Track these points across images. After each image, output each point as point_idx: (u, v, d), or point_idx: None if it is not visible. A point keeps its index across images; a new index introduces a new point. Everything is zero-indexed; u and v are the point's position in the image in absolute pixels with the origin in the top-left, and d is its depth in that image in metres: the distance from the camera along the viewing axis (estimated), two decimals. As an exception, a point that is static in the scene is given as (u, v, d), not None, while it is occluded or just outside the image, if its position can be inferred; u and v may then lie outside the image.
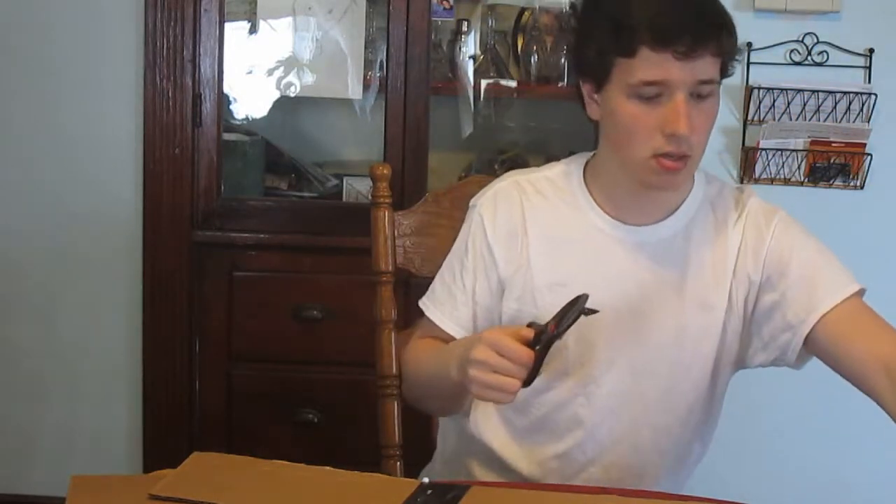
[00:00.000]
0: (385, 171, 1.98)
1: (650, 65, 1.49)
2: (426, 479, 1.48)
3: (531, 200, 1.67)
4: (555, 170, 1.71)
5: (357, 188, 2.96)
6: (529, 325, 1.46)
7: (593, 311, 1.45)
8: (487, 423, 1.73)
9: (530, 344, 1.44)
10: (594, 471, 1.68)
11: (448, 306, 1.70)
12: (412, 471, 1.86)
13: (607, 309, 1.57)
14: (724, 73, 1.58)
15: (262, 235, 2.82)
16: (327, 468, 1.48)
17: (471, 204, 1.73)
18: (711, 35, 1.51)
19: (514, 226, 1.66)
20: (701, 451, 1.75)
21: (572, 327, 1.44)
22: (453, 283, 1.70)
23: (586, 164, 1.69)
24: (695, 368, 1.65)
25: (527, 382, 1.44)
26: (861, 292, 1.62)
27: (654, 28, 1.48)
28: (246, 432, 2.84)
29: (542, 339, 1.43)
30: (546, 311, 1.55)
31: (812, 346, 1.59)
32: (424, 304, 1.74)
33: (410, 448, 1.90)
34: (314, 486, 1.43)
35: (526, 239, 1.66)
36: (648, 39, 1.48)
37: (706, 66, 1.51)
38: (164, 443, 2.86)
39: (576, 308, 1.43)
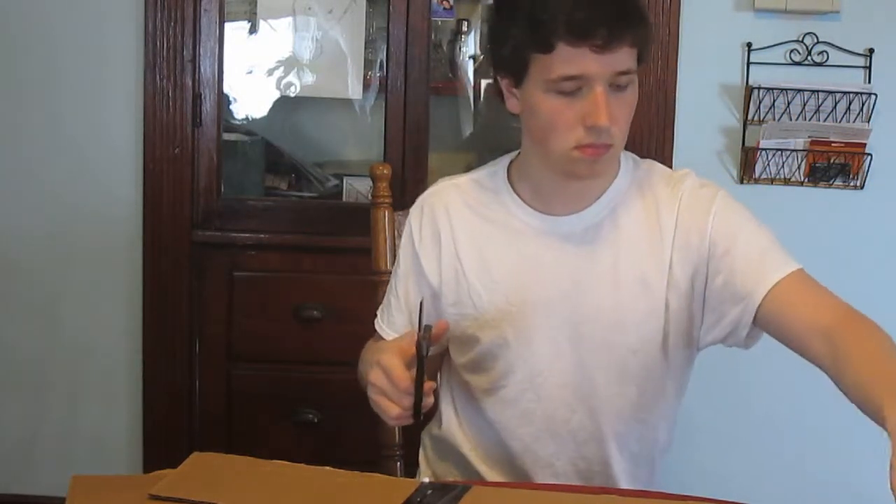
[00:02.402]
0: (385, 171, 1.98)
1: (568, 60, 1.49)
2: (426, 479, 1.48)
3: (458, 204, 1.70)
4: (482, 172, 1.73)
5: (357, 188, 2.96)
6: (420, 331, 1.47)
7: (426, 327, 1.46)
8: (452, 427, 1.75)
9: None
10: (560, 465, 1.68)
11: (386, 313, 1.76)
12: (412, 471, 1.87)
13: (543, 301, 1.62)
14: (640, 61, 1.58)
15: (262, 235, 2.82)
16: (327, 468, 1.48)
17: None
18: (627, 27, 1.51)
19: (440, 232, 1.69)
20: (667, 433, 1.74)
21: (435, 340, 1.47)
22: (391, 292, 1.75)
23: (511, 162, 1.71)
24: (642, 349, 1.64)
25: (416, 406, 1.45)
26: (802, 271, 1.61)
27: (570, 23, 1.48)
28: (246, 432, 2.84)
29: (418, 365, 1.45)
30: (484, 310, 1.62)
31: (761, 320, 1.58)
32: (378, 312, 1.80)
33: (410, 448, 1.90)
34: (314, 486, 1.43)
35: (455, 243, 1.68)
36: (565, 34, 1.48)
37: (624, 58, 1.52)
38: (164, 443, 2.86)
39: (421, 320, 1.46)
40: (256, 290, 2.83)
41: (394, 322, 1.74)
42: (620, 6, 1.51)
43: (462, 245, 1.68)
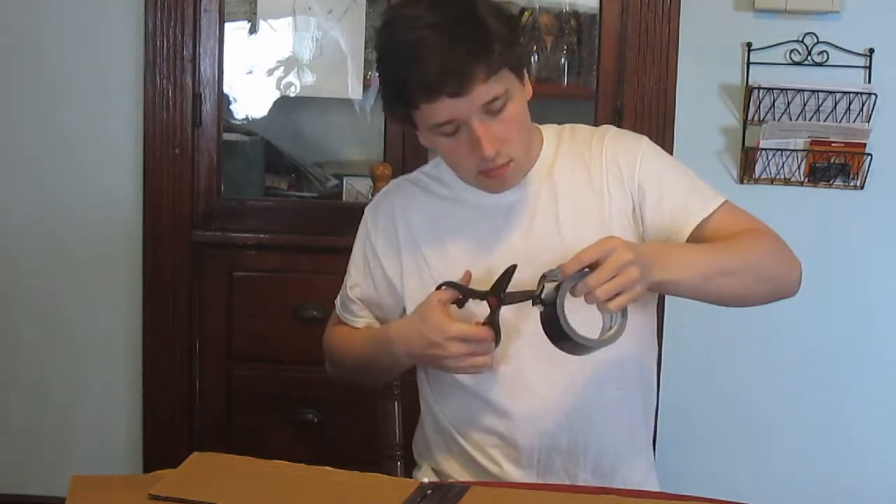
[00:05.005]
0: (385, 171, 1.99)
1: (434, 111, 1.60)
2: (426, 480, 1.48)
3: (411, 194, 1.80)
4: (429, 165, 1.84)
5: (357, 188, 2.96)
6: (440, 288, 1.60)
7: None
8: (431, 415, 1.79)
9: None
10: (540, 425, 1.70)
11: (349, 307, 1.85)
12: (412, 471, 1.87)
13: (501, 269, 1.65)
14: (518, 73, 1.65)
15: (262, 235, 2.82)
16: (327, 468, 1.48)
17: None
18: (475, 66, 1.57)
19: (396, 224, 1.77)
20: (650, 370, 1.79)
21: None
22: (348, 289, 1.85)
23: None
24: None
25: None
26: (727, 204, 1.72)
27: (420, 85, 1.57)
28: (246, 432, 2.84)
29: (493, 315, 1.57)
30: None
31: None
32: (337, 301, 1.89)
33: (410, 448, 1.90)
34: (314, 486, 1.44)
35: (412, 232, 1.76)
36: (420, 94, 1.59)
37: (485, 91, 1.59)
38: (164, 443, 2.86)
39: (507, 277, 1.57)
40: (256, 290, 2.83)
41: (356, 314, 1.84)
42: (465, 47, 1.56)
43: (419, 230, 1.75)
